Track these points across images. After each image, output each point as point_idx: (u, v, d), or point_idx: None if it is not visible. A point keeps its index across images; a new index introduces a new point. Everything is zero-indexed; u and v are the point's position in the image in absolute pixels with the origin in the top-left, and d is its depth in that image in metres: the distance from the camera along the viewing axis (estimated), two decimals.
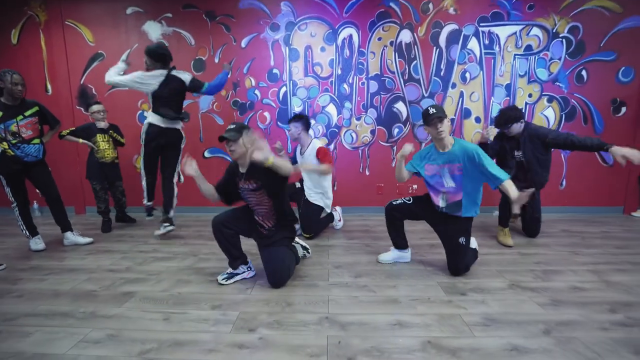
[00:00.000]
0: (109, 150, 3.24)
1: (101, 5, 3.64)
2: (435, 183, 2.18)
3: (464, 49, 3.58)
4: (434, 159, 2.16)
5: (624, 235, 3.03)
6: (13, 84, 2.47)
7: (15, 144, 2.53)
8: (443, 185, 2.15)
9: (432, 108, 2.07)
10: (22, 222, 2.68)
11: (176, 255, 2.58)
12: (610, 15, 3.47)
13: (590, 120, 3.66)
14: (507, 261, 2.44)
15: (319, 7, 3.56)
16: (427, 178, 2.21)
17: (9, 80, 2.46)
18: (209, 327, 1.62)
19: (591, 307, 1.80)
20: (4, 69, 2.49)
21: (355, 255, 2.57)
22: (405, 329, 1.60)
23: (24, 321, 1.68)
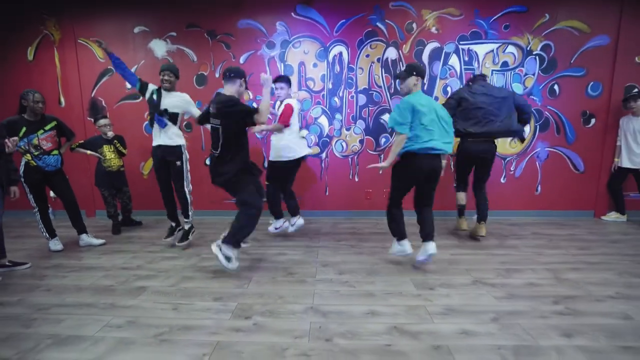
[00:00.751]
0: (114, 159, 3.53)
1: (111, 24, 3.94)
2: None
3: (445, 65, 3.89)
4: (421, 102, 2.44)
5: (588, 238, 3.33)
6: (35, 102, 2.77)
7: (37, 156, 2.83)
8: None
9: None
10: (42, 226, 2.98)
11: (181, 255, 2.88)
12: (579, 35, 3.78)
13: (563, 131, 3.97)
14: (477, 261, 2.74)
15: (312, 26, 3.86)
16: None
17: (31, 99, 2.76)
18: (212, 315, 1.93)
19: (539, 299, 2.10)
20: (27, 89, 2.79)
21: (341, 255, 2.87)
22: (377, 317, 1.90)
23: (55, 310, 1.98)
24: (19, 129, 2.75)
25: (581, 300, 2.08)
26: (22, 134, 2.76)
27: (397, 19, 3.81)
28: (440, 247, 2.97)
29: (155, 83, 3.04)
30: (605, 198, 4.04)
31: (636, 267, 2.60)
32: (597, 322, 1.85)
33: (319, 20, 3.85)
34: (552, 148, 4.00)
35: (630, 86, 3.82)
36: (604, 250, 2.96)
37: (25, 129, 2.78)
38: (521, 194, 4.10)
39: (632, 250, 2.95)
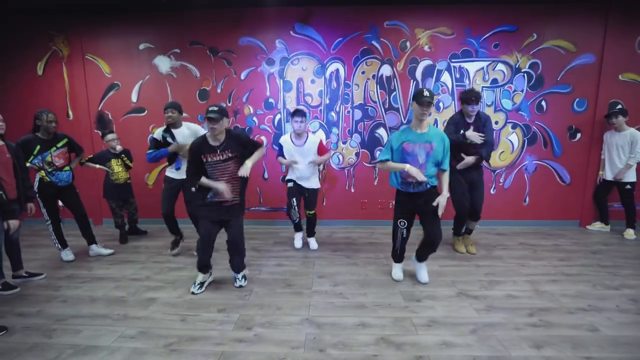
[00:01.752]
0: (122, 172, 3.70)
1: (117, 41, 4.11)
2: (411, 160, 2.41)
3: (437, 82, 4.06)
4: (412, 139, 2.41)
5: (571, 248, 3.52)
6: (48, 121, 2.95)
7: (51, 172, 3.01)
8: (417, 162, 2.41)
9: (426, 91, 2.30)
10: (55, 237, 3.16)
11: (186, 266, 3.07)
12: (565, 54, 3.95)
13: (550, 145, 4.15)
14: (462, 272, 2.93)
15: (310, 44, 4.04)
16: (404, 155, 2.42)
17: (45, 119, 2.93)
18: (216, 326, 2.11)
19: (516, 312, 2.29)
20: (40, 110, 2.97)
21: (336, 266, 3.05)
22: (366, 329, 2.09)
23: (72, 321, 2.17)
24: (34, 147, 2.92)
25: (554, 313, 2.27)
26: (36, 151, 2.94)
27: (391, 38, 3.98)
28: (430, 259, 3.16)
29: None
30: (591, 208, 4.23)
31: (611, 278, 2.79)
32: (566, 333, 2.04)
33: (317, 38, 4.02)
34: (539, 161, 4.19)
35: (614, 102, 4.00)
36: (584, 262, 3.14)
37: (40, 147, 2.95)
38: (510, 205, 4.29)
39: (610, 262, 3.13)
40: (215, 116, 2.33)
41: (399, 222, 2.63)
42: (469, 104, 3.02)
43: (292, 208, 3.36)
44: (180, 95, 4.15)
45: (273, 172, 4.30)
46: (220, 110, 2.37)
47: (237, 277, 2.66)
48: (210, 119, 2.33)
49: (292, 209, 3.36)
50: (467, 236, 3.47)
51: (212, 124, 2.35)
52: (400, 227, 2.64)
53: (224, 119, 2.40)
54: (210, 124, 2.36)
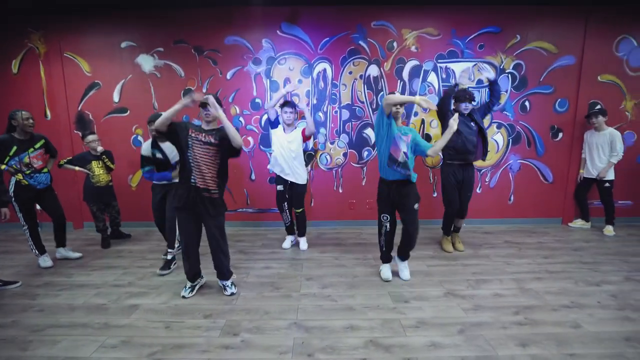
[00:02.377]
0: (103, 174, 3.58)
1: (98, 39, 3.97)
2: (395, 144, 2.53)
3: (424, 82, 4.09)
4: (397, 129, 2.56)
5: (554, 246, 3.60)
6: (24, 119, 2.84)
7: (29, 174, 2.89)
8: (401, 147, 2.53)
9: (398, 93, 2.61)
10: (32, 242, 3.04)
11: (171, 270, 2.99)
12: (547, 55, 4.04)
13: (533, 144, 4.23)
14: (450, 272, 2.95)
15: (297, 44, 4.00)
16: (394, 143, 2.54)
17: (20, 117, 2.82)
18: (202, 332, 2.06)
19: (502, 310, 2.32)
20: (14, 109, 2.85)
21: (324, 268, 3.03)
22: (355, 332, 2.08)
23: (50, 331, 2.08)
24: (9, 147, 2.80)
25: (539, 310, 2.31)
26: (12, 152, 2.82)
27: (378, 38, 3.98)
28: (418, 259, 3.21)
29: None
30: (572, 206, 4.33)
31: (592, 275, 2.86)
32: (550, 331, 2.07)
33: (304, 38, 3.98)
34: (523, 160, 4.26)
35: (593, 102, 4.11)
36: (566, 259, 3.22)
37: (16, 148, 2.84)
38: (496, 204, 4.35)
39: (591, 258, 3.22)
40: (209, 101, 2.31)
41: (382, 217, 2.74)
42: (463, 102, 3.10)
43: (284, 212, 3.45)
44: (164, 95, 4.07)
45: (260, 174, 4.24)
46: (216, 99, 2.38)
47: (226, 285, 2.56)
48: (205, 104, 2.32)
49: (284, 212, 3.45)
50: (455, 234, 3.52)
51: (205, 110, 2.35)
52: (384, 221, 2.73)
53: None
54: (204, 109, 2.36)
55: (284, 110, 3.25)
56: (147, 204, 4.20)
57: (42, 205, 3.09)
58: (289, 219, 3.50)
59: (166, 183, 3.03)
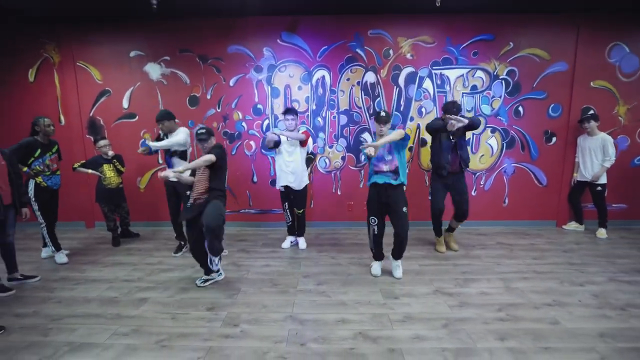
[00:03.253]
0: (114, 177, 3.79)
1: (108, 48, 4.21)
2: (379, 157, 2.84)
3: (419, 88, 4.23)
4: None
5: (545, 247, 3.72)
6: (46, 125, 3.11)
7: (48, 176, 3.15)
8: (385, 158, 2.83)
9: (383, 112, 2.83)
10: (49, 240, 3.26)
11: (177, 267, 3.19)
12: (540, 61, 4.16)
13: (527, 148, 4.35)
14: (440, 271, 3.09)
15: (296, 52, 4.18)
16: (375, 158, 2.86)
17: (43, 124, 3.09)
18: (205, 323, 2.24)
19: (486, 307, 2.45)
20: (37, 116, 3.12)
21: (321, 266, 3.20)
22: (346, 324, 2.24)
23: (68, 320, 2.28)
24: (35, 150, 3.07)
25: (521, 308, 2.44)
26: (37, 154, 3.08)
27: (375, 46, 4.15)
28: (411, 258, 3.36)
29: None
30: (566, 209, 4.44)
31: (578, 275, 2.98)
32: (529, 327, 2.21)
33: (303, 46, 4.16)
34: (517, 164, 4.38)
35: (586, 108, 4.21)
36: (555, 260, 3.34)
37: (40, 151, 3.10)
38: (490, 206, 4.48)
39: (579, 260, 3.33)
40: (204, 137, 2.75)
41: (370, 219, 2.94)
42: (450, 114, 3.21)
43: (285, 212, 3.66)
44: (170, 102, 4.27)
45: (262, 175, 4.43)
46: (207, 131, 2.78)
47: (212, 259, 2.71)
48: (200, 139, 2.75)
49: (285, 212, 3.66)
50: (450, 234, 3.66)
51: (202, 144, 2.77)
52: (372, 224, 2.94)
53: (211, 138, 2.81)
54: (200, 144, 2.77)
55: (286, 117, 3.42)
56: (155, 205, 4.45)
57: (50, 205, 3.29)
58: (290, 219, 3.68)
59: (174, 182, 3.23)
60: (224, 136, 4.35)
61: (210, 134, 2.80)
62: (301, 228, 3.72)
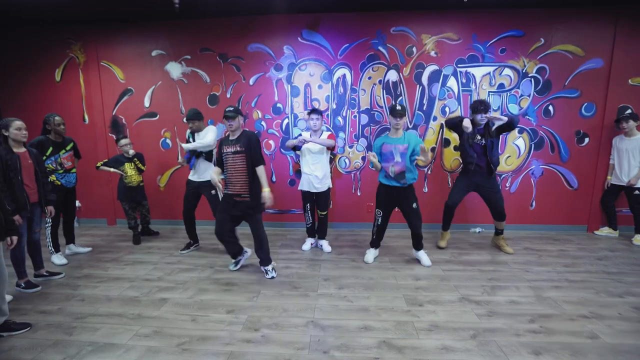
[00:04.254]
0: (135, 175, 3.83)
1: (130, 48, 4.26)
2: (388, 157, 3.01)
3: (443, 87, 4.09)
4: (391, 141, 3.02)
5: (576, 254, 3.52)
6: (57, 124, 3.11)
7: (62, 174, 3.17)
8: (393, 159, 2.99)
9: (399, 105, 2.93)
10: (50, 240, 3.24)
11: (196, 267, 3.18)
12: (573, 58, 3.94)
13: (557, 149, 4.14)
14: (466, 277, 2.97)
15: (317, 50, 4.11)
16: (384, 155, 3.04)
17: (53, 122, 3.09)
18: (225, 326, 2.21)
19: (517, 318, 2.33)
20: (48, 113, 3.12)
21: (341, 269, 3.13)
22: (369, 332, 2.16)
23: (90, 319, 2.30)
24: (46, 148, 3.08)
25: (555, 319, 2.30)
26: (49, 153, 3.09)
27: (398, 43, 4.03)
28: (434, 262, 3.25)
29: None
30: (598, 213, 4.21)
31: (615, 285, 2.79)
32: (565, 340, 2.07)
33: (324, 44, 4.09)
34: (546, 165, 4.18)
35: (623, 107, 3.97)
36: (589, 268, 3.15)
37: (52, 149, 3.11)
38: (516, 209, 4.29)
39: (615, 268, 3.14)
40: (231, 114, 2.75)
41: (377, 211, 3.23)
42: (479, 113, 3.19)
43: (307, 212, 3.59)
44: (190, 100, 4.29)
45: (281, 176, 4.39)
46: (235, 109, 2.78)
47: (266, 270, 2.95)
48: (227, 117, 2.75)
49: (307, 213, 3.60)
50: (500, 236, 3.60)
51: (229, 121, 2.76)
52: (377, 215, 3.23)
53: (238, 117, 2.80)
54: (227, 121, 2.77)
55: (311, 117, 3.37)
56: (174, 203, 4.48)
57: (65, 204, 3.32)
58: (311, 220, 3.61)
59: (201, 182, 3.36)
60: None
61: (238, 112, 2.79)
62: (323, 230, 3.65)
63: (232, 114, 2.75)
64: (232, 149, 2.79)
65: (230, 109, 2.77)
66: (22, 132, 2.60)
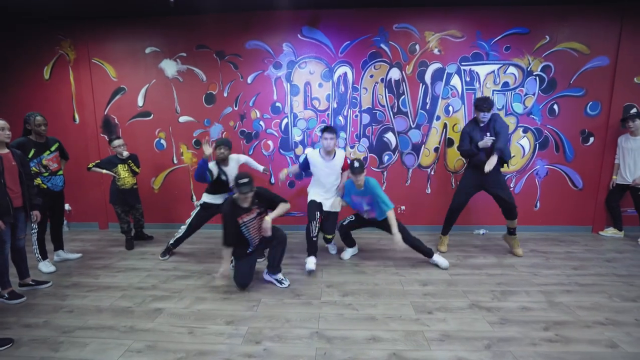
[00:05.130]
0: (128, 177, 3.66)
1: (123, 45, 4.09)
2: (358, 206, 3.22)
3: (447, 85, 3.99)
4: (357, 193, 3.12)
5: (584, 256, 3.44)
6: (37, 125, 2.89)
7: (47, 177, 2.98)
8: (362, 208, 3.17)
9: (356, 162, 2.91)
10: (37, 247, 3.05)
11: (193, 274, 3.03)
12: (578, 56, 3.86)
13: (562, 149, 4.06)
14: (474, 282, 2.86)
15: (317, 47, 3.98)
16: (353, 204, 3.23)
17: (34, 122, 2.88)
18: (224, 339, 2.08)
19: (530, 325, 2.22)
20: (29, 112, 2.90)
21: (345, 275, 3.00)
22: (378, 343, 2.04)
23: (79, 333, 2.14)
24: (29, 150, 2.87)
25: (571, 327, 2.20)
26: (31, 155, 2.89)
27: (400, 41, 3.92)
28: (441, 267, 3.13)
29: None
30: (603, 214, 4.13)
31: (628, 289, 2.71)
32: (584, 350, 1.97)
33: (325, 41, 3.96)
34: (551, 165, 4.10)
35: (629, 105, 3.90)
36: (598, 271, 3.06)
37: (34, 151, 2.91)
38: (521, 210, 4.15)
39: (625, 271, 3.05)
40: (246, 190, 2.48)
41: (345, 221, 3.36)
42: (482, 111, 3.12)
43: (314, 221, 3.07)
44: (186, 99, 4.14)
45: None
46: (250, 182, 2.50)
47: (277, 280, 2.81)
48: (243, 192, 2.48)
49: (314, 221, 3.07)
50: (513, 237, 3.47)
51: (244, 196, 2.52)
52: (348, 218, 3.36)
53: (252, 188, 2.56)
54: (242, 195, 2.51)
55: (324, 136, 3.04)
56: (169, 207, 4.33)
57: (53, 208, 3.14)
58: (315, 232, 3.06)
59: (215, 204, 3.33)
60: (240, 135, 4.18)
61: (252, 185, 2.52)
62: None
63: (247, 190, 2.48)
64: (250, 215, 2.63)
65: (244, 181, 2.46)
66: (5, 132, 2.43)
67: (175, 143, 4.25)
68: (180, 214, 4.35)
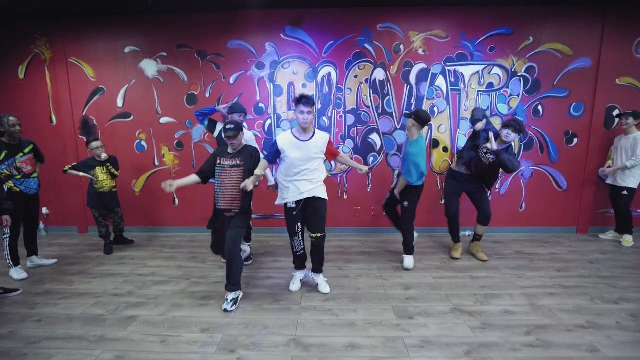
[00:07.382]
0: (107, 181, 3.55)
1: (102, 44, 3.97)
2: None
3: (432, 86, 3.96)
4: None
5: (568, 257, 3.44)
6: (11, 125, 2.77)
7: (19, 180, 2.86)
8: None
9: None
10: (8, 252, 2.92)
11: (171, 279, 2.95)
12: (562, 57, 3.87)
13: (546, 150, 4.07)
14: (457, 285, 2.83)
15: (301, 47, 3.92)
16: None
17: (7, 123, 2.76)
18: (197, 348, 2.00)
19: (512, 330, 2.19)
20: (2, 114, 2.79)
21: (327, 278, 2.93)
22: (356, 350, 1.99)
23: (45, 344, 2.05)
24: (0, 152, 2.76)
25: (552, 331, 2.17)
26: (2, 157, 2.77)
27: (385, 41, 3.88)
28: (424, 270, 3.10)
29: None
30: (588, 215, 4.15)
31: (610, 291, 2.70)
32: (564, 355, 1.94)
33: (308, 41, 3.90)
34: (536, 167, 4.10)
35: (611, 107, 3.93)
36: (581, 272, 3.06)
37: (6, 153, 2.79)
38: (506, 212, 4.20)
39: (608, 272, 3.05)
40: (233, 134, 2.47)
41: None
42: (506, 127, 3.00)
43: (296, 236, 2.64)
44: (167, 100, 4.05)
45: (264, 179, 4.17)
46: (236, 126, 2.49)
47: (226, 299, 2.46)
48: (229, 136, 2.48)
49: (296, 237, 2.64)
50: (477, 243, 3.43)
51: (230, 141, 2.51)
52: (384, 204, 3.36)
53: (240, 134, 2.53)
54: (229, 140, 2.51)
55: (300, 109, 2.36)
56: (151, 209, 4.22)
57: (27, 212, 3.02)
58: (302, 245, 2.67)
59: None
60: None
61: (239, 129, 2.50)
62: (318, 260, 2.69)
63: (233, 133, 2.44)
64: (230, 162, 2.54)
65: (230, 127, 2.43)
66: None
67: (157, 145, 4.14)
68: (162, 217, 4.26)
